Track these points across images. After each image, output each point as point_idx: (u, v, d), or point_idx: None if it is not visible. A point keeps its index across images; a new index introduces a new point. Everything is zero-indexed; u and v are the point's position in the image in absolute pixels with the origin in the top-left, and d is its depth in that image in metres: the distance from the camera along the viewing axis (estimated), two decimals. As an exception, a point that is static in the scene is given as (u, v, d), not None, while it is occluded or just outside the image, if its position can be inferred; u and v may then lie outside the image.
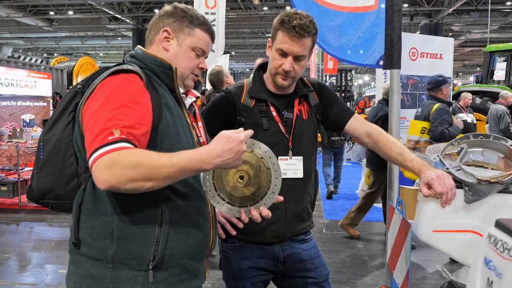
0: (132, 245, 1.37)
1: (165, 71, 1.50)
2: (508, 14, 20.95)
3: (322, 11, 2.78)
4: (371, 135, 1.96)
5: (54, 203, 1.50)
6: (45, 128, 1.50)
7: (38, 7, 21.11)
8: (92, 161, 1.23)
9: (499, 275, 1.13)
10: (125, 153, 1.21)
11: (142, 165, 1.21)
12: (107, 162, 1.20)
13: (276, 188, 1.55)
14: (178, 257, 1.43)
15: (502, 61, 11.81)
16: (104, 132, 1.24)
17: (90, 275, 1.39)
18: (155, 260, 1.38)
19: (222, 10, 7.01)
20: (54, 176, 1.46)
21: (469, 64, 37.99)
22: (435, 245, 1.79)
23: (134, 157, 1.21)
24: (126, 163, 1.20)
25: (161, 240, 1.39)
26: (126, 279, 1.37)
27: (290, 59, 1.83)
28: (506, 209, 1.69)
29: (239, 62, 37.92)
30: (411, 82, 5.94)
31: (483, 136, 1.89)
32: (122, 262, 1.37)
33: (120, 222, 1.38)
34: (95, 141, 1.24)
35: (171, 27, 1.55)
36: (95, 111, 1.31)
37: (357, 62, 2.87)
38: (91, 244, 1.40)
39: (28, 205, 7.13)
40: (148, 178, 1.22)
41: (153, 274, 1.38)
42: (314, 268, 2.01)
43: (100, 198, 1.39)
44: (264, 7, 20.45)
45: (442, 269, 4.55)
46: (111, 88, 1.35)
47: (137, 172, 1.20)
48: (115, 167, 1.19)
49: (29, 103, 10.38)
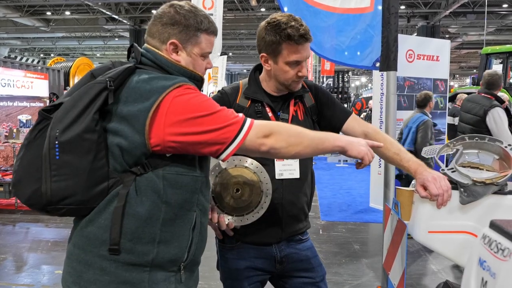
0: (171, 248, 1.42)
1: (195, 82, 1.50)
2: (504, 16, 21.02)
3: (312, 12, 2.75)
4: (368, 135, 1.95)
5: (71, 209, 1.35)
6: (58, 124, 1.32)
7: (35, 7, 21.06)
8: (243, 135, 1.42)
9: (493, 276, 1.14)
10: (271, 123, 1.56)
11: (293, 130, 1.52)
12: (261, 130, 1.45)
13: (265, 204, 1.79)
14: (198, 256, 1.55)
15: (498, 63, 11.84)
16: (227, 121, 1.41)
17: (124, 281, 1.36)
18: (186, 260, 1.48)
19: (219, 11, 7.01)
20: (78, 179, 1.32)
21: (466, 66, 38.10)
22: (430, 246, 1.80)
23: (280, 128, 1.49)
24: (279, 130, 1.47)
25: (194, 242, 1.49)
26: (161, 280, 1.42)
27: (303, 64, 1.86)
28: (500, 210, 1.70)
29: (236, 63, 37.92)
30: (408, 84, 5.96)
31: (478, 138, 1.90)
32: (159, 265, 1.41)
33: (163, 227, 1.40)
34: (220, 134, 1.39)
35: (177, 38, 1.50)
36: (196, 123, 1.37)
37: (353, 64, 2.86)
38: (131, 249, 1.36)
39: (25, 206, 7.09)
40: (299, 142, 1.49)
41: (184, 274, 1.48)
42: (311, 268, 2.02)
43: (144, 203, 1.37)
44: (261, 8, 20.47)
45: (438, 270, 4.56)
46: (193, 100, 1.39)
47: (292, 139, 1.48)
48: (273, 135, 1.45)
49: (26, 103, 10.35)
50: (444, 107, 6.42)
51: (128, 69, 1.43)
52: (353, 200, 8.00)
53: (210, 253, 1.92)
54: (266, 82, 1.96)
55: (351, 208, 7.34)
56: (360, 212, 7.06)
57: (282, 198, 1.92)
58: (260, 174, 1.78)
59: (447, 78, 6.31)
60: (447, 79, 6.32)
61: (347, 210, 7.21)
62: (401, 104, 5.92)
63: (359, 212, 7.10)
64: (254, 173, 1.77)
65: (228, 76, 40.70)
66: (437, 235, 1.75)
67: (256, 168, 1.77)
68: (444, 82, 6.30)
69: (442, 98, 6.24)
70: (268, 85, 1.95)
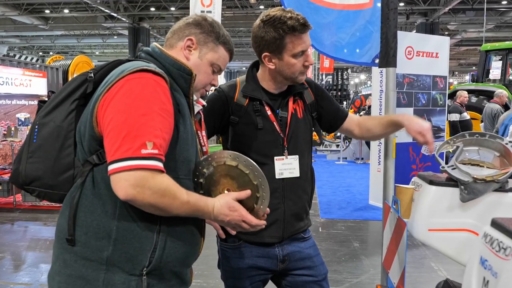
0: (129, 248, 1.33)
1: (184, 76, 1.46)
2: (503, 13, 21.02)
3: (313, 8, 2.74)
4: (360, 124, 2.11)
5: (41, 192, 1.40)
6: (42, 111, 1.42)
7: (34, 5, 21.04)
8: (117, 167, 1.22)
9: (495, 275, 1.13)
10: (161, 178, 1.25)
11: (169, 195, 1.26)
12: (139, 180, 1.22)
13: (264, 203, 1.51)
14: (172, 264, 1.41)
15: (497, 60, 11.84)
16: (136, 141, 1.23)
17: (80, 276, 1.34)
18: (150, 266, 1.35)
19: (218, 9, 6.99)
20: (46, 164, 1.37)
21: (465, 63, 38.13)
22: (430, 244, 1.79)
23: (166, 185, 1.26)
24: (158, 189, 1.24)
25: (159, 247, 1.37)
26: (119, 283, 1.33)
27: (307, 52, 1.86)
28: (501, 208, 1.68)
29: (235, 61, 37.87)
30: (407, 80, 5.93)
31: (479, 135, 1.89)
32: (116, 264, 1.33)
33: (120, 224, 1.33)
34: (123, 147, 1.22)
35: (196, 37, 1.52)
36: (123, 111, 1.27)
37: (353, 61, 2.84)
38: (86, 243, 1.34)
39: (23, 204, 7.10)
40: (167, 208, 1.28)
41: (146, 280, 1.36)
42: (313, 267, 2.01)
43: (101, 196, 1.34)
44: (260, 5, 20.44)
45: (438, 268, 4.55)
46: (140, 87, 1.30)
47: (162, 200, 1.26)
48: (146, 188, 1.22)
49: (24, 101, 10.34)
50: (444, 104, 6.40)
51: (118, 61, 1.45)
52: (352, 197, 7.99)
53: (209, 251, 1.90)
54: (265, 79, 1.93)
55: (350, 206, 7.34)
56: (359, 210, 7.05)
57: (284, 197, 1.91)
58: (250, 168, 1.49)
59: (447, 75, 6.29)
60: (446, 76, 6.29)
61: (347, 208, 7.20)
62: (400, 101, 5.90)
63: (358, 209, 7.09)
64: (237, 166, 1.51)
65: (227, 74, 40.71)
66: (437, 233, 1.73)
67: (244, 162, 1.49)
68: (443, 79, 6.28)
69: (441, 95, 6.21)
70: (267, 83, 1.93)
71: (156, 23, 23.90)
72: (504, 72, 11.51)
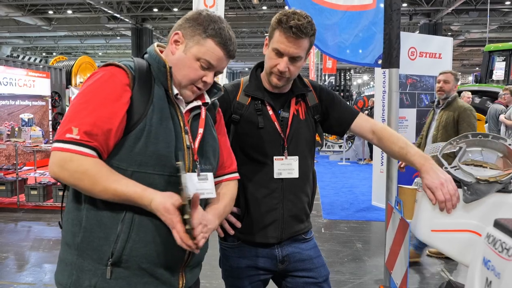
0: (95, 237, 1.39)
1: (160, 69, 1.47)
2: (507, 13, 20.96)
3: (317, 10, 2.75)
4: (375, 132, 1.96)
5: None
6: None
7: (37, 6, 21.10)
8: (51, 147, 1.36)
9: (498, 275, 1.13)
10: (80, 162, 1.31)
11: (88, 179, 1.31)
12: (59, 160, 1.32)
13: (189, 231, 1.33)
14: (139, 260, 1.41)
15: (501, 60, 11.80)
16: (65, 126, 1.34)
17: (62, 258, 1.46)
18: (113, 257, 1.38)
19: (221, 9, 6.99)
20: None
21: (468, 63, 38.02)
22: (433, 244, 1.78)
23: (85, 170, 1.31)
24: (75, 171, 1.31)
25: (121, 239, 1.38)
26: (87, 270, 1.40)
27: (285, 59, 1.79)
28: (505, 208, 1.68)
29: (238, 62, 37.92)
30: (410, 81, 5.93)
31: (482, 135, 1.88)
32: (85, 251, 1.40)
33: (88, 212, 1.40)
34: (58, 130, 1.36)
35: (184, 31, 1.50)
36: (74, 99, 1.41)
37: (356, 61, 2.84)
38: (65, 228, 1.47)
39: (27, 204, 7.12)
40: (90, 191, 1.34)
41: (111, 270, 1.39)
42: (314, 268, 2.00)
43: None
44: (263, 6, 20.44)
45: (441, 269, 4.54)
46: (94, 79, 1.41)
47: (82, 183, 1.32)
48: (64, 169, 1.32)
49: (28, 102, 10.37)
50: (447, 105, 6.38)
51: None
52: (355, 198, 7.99)
53: (212, 251, 1.90)
54: (266, 78, 1.94)
55: (353, 207, 7.34)
56: (362, 211, 7.05)
57: (283, 197, 1.90)
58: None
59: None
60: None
61: (349, 209, 7.20)
62: (403, 101, 5.90)
63: (361, 210, 7.09)
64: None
65: (229, 75, 40.72)
66: (440, 234, 1.73)
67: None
68: (446, 79, 6.26)
69: (444, 96, 6.20)
70: (267, 81, 1.93)
71: (159, 23, 23.93)
72: (508, 73, 11.48)
